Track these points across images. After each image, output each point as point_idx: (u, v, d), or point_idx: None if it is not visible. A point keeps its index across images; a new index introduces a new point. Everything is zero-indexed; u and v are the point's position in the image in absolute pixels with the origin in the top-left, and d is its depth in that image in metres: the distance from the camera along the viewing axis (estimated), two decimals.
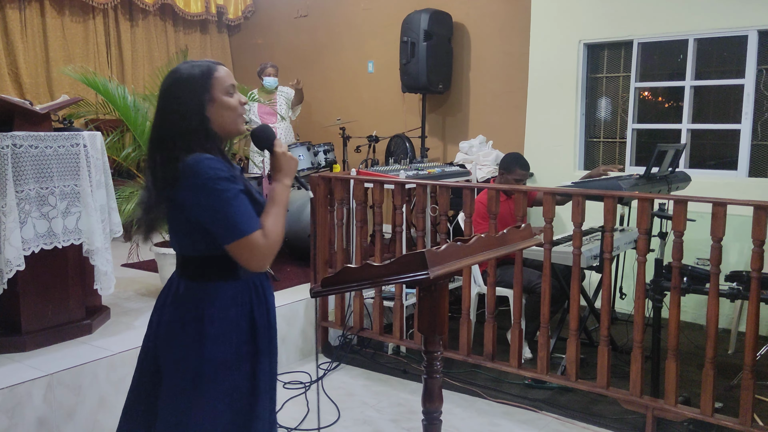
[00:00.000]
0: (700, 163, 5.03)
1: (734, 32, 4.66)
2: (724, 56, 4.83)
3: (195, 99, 1.70)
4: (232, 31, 8.15)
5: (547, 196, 3.34)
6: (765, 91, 4.67)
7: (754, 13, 4.53)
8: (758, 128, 4.71)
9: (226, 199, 1.63)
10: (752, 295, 2.79)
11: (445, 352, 3.69)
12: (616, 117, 5.39)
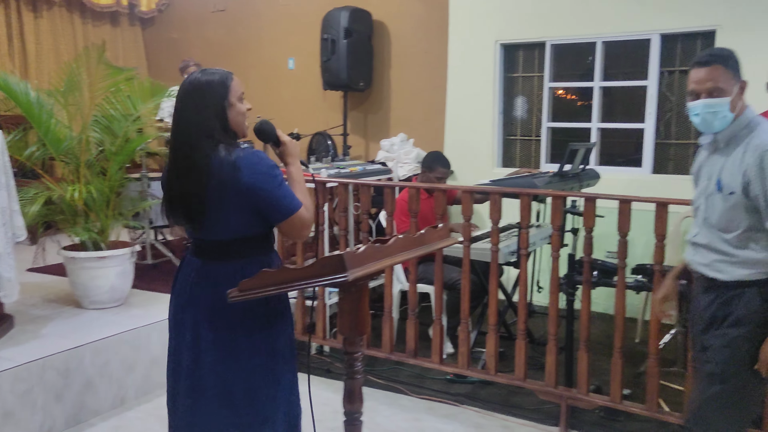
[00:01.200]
0: (610, 161, 5.27)
1: (639, 36, 4.90)
2: (630, 58, 5.07)
3: (217, 104, 1.95)
4: (145, 25, 7.86)
5: (465, 194, 3.41)
6: (667, 93, 4.94)
7: (657, 18, 4.77)
8: (661, 127, 4.98)
9: (279, 184, 1.95)
10: (656, 287, 2.94)
11: (368, 350, 3.71)
12: (531, 115, 5.56)
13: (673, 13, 4.71)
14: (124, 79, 3.95)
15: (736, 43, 4.47)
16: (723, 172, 2.11)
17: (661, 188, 4.77)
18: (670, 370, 3.59)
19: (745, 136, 2.11)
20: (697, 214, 2.23)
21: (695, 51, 4.78)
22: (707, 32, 4.65)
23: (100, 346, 3.38)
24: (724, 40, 4.53)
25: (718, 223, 2.13)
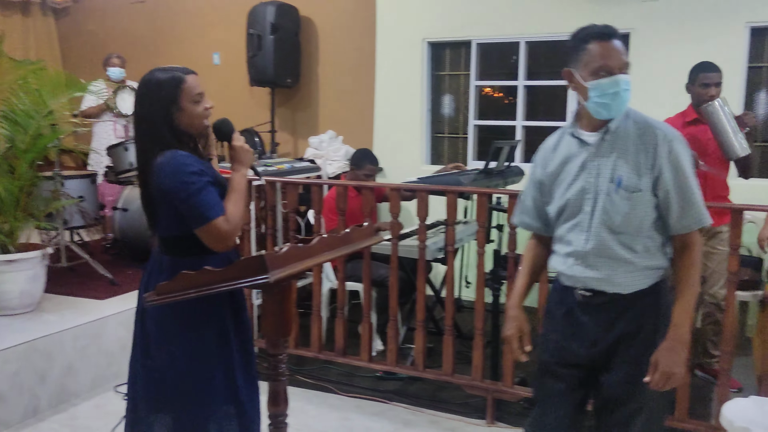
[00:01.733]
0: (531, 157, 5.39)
1: (560, 36, 5.04)
2: (552, 58, 5.21)
3: (164, 109, 1.95)
4: (59, 15, 7.48)
5: (393, 192, 3.42)
6: None
7: (577, 20, 4.90)
8: None
9: (194, 191, 1.92)
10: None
11: (296, 349, 3.67)
12: (459, 113, 5.64)
13: (591, 16, 4.85)
14: (30, 72, 3.74)
15: (648, 45, 4.69)
16: (618, 168, 1.84)
17: None
18: None
19: (631, 126, 1.87)
20: (579, 217, 1.89)
21: None
22: (622, 35, 4.82)
23: (10, 354, 3.19)
24: (638, 43, 4.74)
25: (621, 226, 1.83)
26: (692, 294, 1.86)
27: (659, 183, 1.82)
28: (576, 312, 1.93)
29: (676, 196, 1.82)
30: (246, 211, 3.71)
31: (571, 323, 1.95)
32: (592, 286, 1.89)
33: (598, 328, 1.90)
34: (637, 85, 4.78)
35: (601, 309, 1.89)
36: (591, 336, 1.92)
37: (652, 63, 4.68)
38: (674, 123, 3.54)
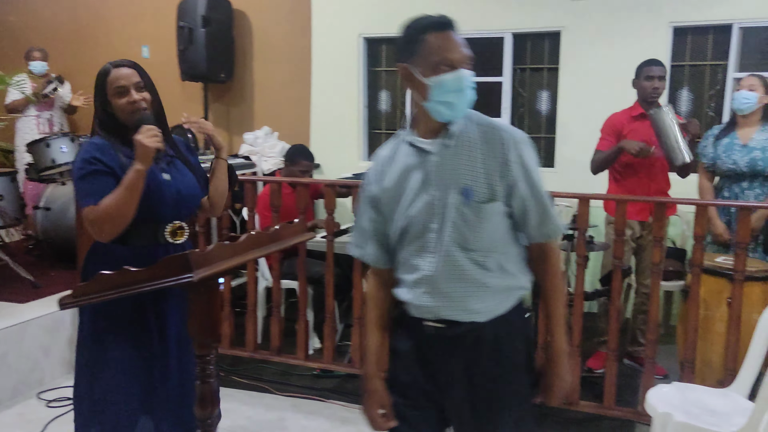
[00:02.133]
0: None
1: (493, 34, 5.12)
2: (485, 55, 5.28)
3: (97, 99, 2.06)
4: None
5: (327, 188, 3.38)
6: (519, 89, 5.20)
7: (510, 18, 5.01)
8: (515, 122, 5.24)
9: (79, 177, 1.98)
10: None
11: (231, 349, 3.60)
12: (396, 109, 5.65)
13: (524, 14, 4.96)
14: None
15: (578, 43, 4.81)
16: (466, 178, 1.59)
17: None
18: None
19: (475, 129, 1.64)
20: (425, 237, 1.61)
21: (543, 50, 5.07)
22: (554, 32, 4.94)
23: None
24: (569, 40, 4.85)
25: (473, 243, 1.58)
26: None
27: (514, 191, 1.60)
28: (427, 347, 1.66)
29: (533, 203, 1.61)
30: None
31: (423, 361, 1.67)
32: (445, 315, 1.61)
33: (453, 363, 1.64)
34: (568, 82, 4.94)
35: (456, 341, 1.63)
36: (446, 374, 1.65)
37: (583, 61, 4.80)
38: (621, 117, 3.65)
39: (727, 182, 3.53)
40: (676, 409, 2.37)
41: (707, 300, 2.99)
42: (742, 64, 4.48)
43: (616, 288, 2.91)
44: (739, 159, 3.43)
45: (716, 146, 3.54)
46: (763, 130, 3.46)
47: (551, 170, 5.03)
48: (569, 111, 4.90)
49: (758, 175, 3.42)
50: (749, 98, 3.41)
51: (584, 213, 2.92)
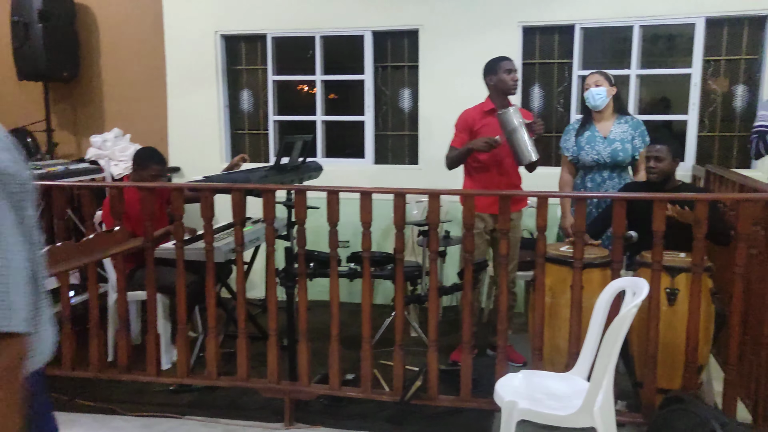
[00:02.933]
0: (339, 153, 5.41)
1: (353, 32, 5.09)
2: (347, 54, 5.25)
3: None
4: None
5: (175, 192, 3.20)
6: (382, 87, 5.21)
7: (369, 16, 5.00)
8: (379, 120, 5.25)
9: None
10: (365, 273, 3.04)
11: (73, 371, 3.32)
12: (258, 109, 5.49)
13: (383, 12, 4.98)
14: None
15: (436, 41, 4.89)
16: None
17: (381, 176, 5.04)
18: (389, 349, 3.78)
19: None
20: None
21: (403, 48, 5.11)
22: (412, 31, 5.00)
23: None
24: (427, 39, 4.92)
25: None
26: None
27: None
28: None
29: None
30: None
31: None
32: None
33: None
34: (428, 80, 5.00)
35: None
36: None
37: (441, 59, 4.88)
38: (473, 113, 3.71)
39: (590, 172, 3.71)
40: (521, 397, 2.43)
41: (553, 288, 3.10)
42: (585, 63, 4.74)
43: (468, 281, 2.96)
44: (602, 150, 3.63)
45: (579, 140, 3.72)
46: (619, 123, 3.68)
47: (415, 167, 5.09)
48: (430, 108, 4.98)
49: (618, 165, 3.65)
50: (601, 93, 3.62)
51: (435, 208, 2.94)
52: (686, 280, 2.80)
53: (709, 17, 4.44)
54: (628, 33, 4.61)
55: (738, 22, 4.48)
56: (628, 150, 3.62)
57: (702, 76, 4.53)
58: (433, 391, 3.04)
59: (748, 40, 4.50)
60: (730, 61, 4.55)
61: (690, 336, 2.72)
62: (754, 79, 4.53)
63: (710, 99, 4.62)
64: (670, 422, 2.56)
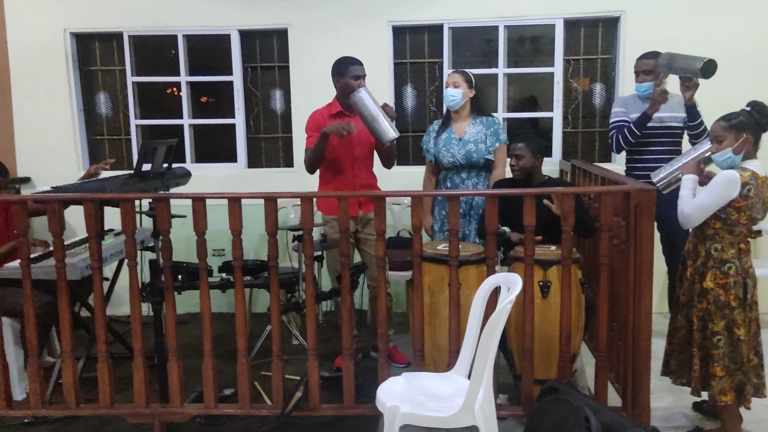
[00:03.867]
0: (210, 157, 5.16)
1: (218, 30, 4.87)
2: (214, 54, 5.01)
3: None
4: None
5: (17, 206, 2.86)
6: (252, 88, 5.02)
7: (235, 15, 4.79)
8: (251, 122, 5.05)
9: None
10: (237, 283, 2.87)
11: None
12: (118, 113, 5.12)
13: (249, 11, 4.79)
14: None
15: (306, 41, 4.77)
16: None
17: (256, 181, 4.86)
18: (268, 360, 3.62)
19: None
20: None
21: (273, 48, 4.95)
22: (281, 30, 4.85)
23: None
24: (296, 38, 4.79)
25: None
26: None
27: None
28: None
29: None
30: None
31: None
32: None
33: None
34: (300, 81, 4.87)
35: None
36: None
37: (312, 59, 4.77)
38: (321, 115, 3.63)
39: (449, 173, 3.73)
40: (403, 401, 2.37)
41: (432, 287, 3.09)
42: (455, 62, 4.81)
43: (346, 285, 2.87)
44: (457, 152, 3.65)
45: (437, 141, 3.73)
46: (474, 124, 3.71)
47: (291, 170, 4.95)
48: (304, 109, 4.82)
49: (474, 166, 3.67)
50: (455, 95, 3.65)
51: (308, 212, 2.83)
52: (557, 273, 2.87)
53: (567, 18, 4.64)
54: (495, 33, 4.73)
55: (593, 23, 4.72)
56: (482, 150, 3.65)
57: (564, 75, 4.74)
58: (315, 400, 2.93)
59: (603, 41, 4.75)
60: (588, 60, 4.79)
61: (563, 326, 2.79)
62: (610, 77, 4.79)
63: (572, 97, 4.84)
64: (546, 412, 2.61)
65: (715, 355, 2.71)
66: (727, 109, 2.78)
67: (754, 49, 4.45)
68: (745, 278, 2.70)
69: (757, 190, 2.62)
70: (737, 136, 2.67)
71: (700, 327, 2.76)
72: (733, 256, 2.70)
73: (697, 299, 2.77)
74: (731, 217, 2.66)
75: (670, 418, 3.09)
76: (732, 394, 2.71)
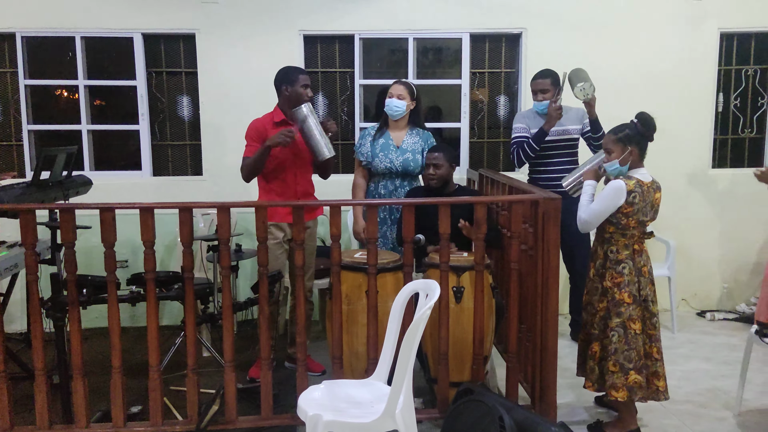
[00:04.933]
0: (111, 165, 4.94)
1: (121, 33, 4.68)
2: (115, 57, 4.81)
3: None
4: None
5: None
6: (157, 93, 4.87)
7: (139, 18, 4.63)
8: (156, 129, 4.89)
9: None
10: (149, 296, 2.78)
11: None
12: (8, 117, 4.80)
13: (154, 14, 4.65)
14: None
15: (214, 47, 4.68)
16: None
17: (162, 190, 4.71)
18: (182, 373, 3.52)
19: None
20: None
21: (179, 53, 4.83)
22: (188, 35, 4.73)
23: None
24: (204, 44, 4.70)
25: None
26: None
27: None
28: None
29: None
30: None
31: None
32: None
33: None
34: (209, 87, 4.77)
35: None
36: None
37: (221, 65, 4.69)
38: (263, 122, 3.58)
39: (383, 179, 3.80)
40: (325, 409, 2.38)
41: (349, 295, 3.11)
42: (366, 72, 4.88)
43: (263, 295, 2.84)
44: (395, 159, 3.74)
45: (373, 145, 3.79)
46: (411, 134, 3.82)
47: (200, 179, 4.83)
48: (212, 116, 4.76)
49: (409, 174, 3.79)
50: (400, 106, 3.75)
51: (225, 222, 2.78)
52: (470, 278, 2.98)
53: (473, 33, 4.83)
54: (404, 44, 4.84)
55: (497, 38, 4.93)
56: (419, 160, 3.78)
57: (470, 87, 4.92)
58: (232, 413, 2.88)
59: (507, 55, 4.98)
60: (493, 73, 5.00)
61: (476, 330, 2.90)
62: (512, 90, 5.02)
63: (478, 108, 5.03)
64: (462, 414, 2.70)
65: (610, 351, 2.89)
66: (622, 120, 3.00)
67: (644, 66, 4.82)
68: (638, 277, 2.91)
69: (642, 196, 2.85)
70: (623, 149, 2.90)
71: (600, 325, 2.95)
72: (627, 257, 2.91)
73: (599, 298, 2.96)
74: (621, 222, 2.87)
75: (573, 413, 3.26)
76: (624, 392, 2.87)
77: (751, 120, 5.10)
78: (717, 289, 5.10)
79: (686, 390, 3.54)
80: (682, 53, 4.84)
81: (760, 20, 4.86)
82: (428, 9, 4.75)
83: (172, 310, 4.69)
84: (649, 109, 3.01)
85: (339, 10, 4.72)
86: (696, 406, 3.34)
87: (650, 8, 4.79)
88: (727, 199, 4.99)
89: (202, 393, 2.98)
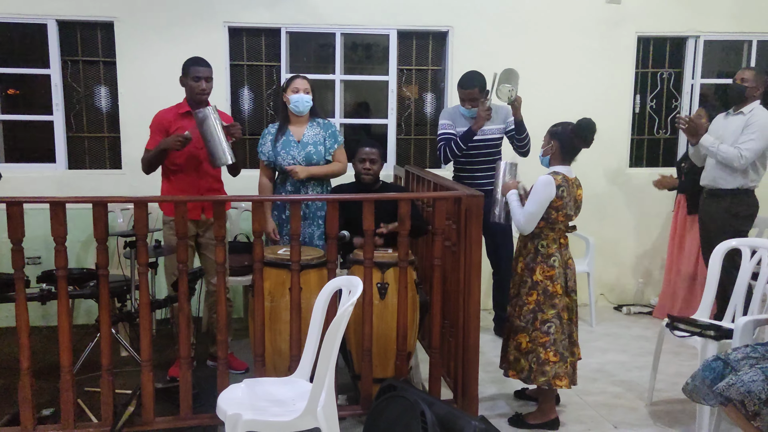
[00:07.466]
0: (21, 157, 4.70)
1: (33, 19, 4.45)
2: (26, 44, 4.57)
3: None
4: None
5: None
6: (73, 83, 4.66)
7: (52, 2, 4.42)
8: (71, 120, 4.68)
9: None
10: (61, 294, 2.65)
11: None
12: None
13: (68, 1, 4.44)
14: None
15: (135, 36, 4.52)
16: None
17: (78, 184, 4.52)
18: (97, 374, 3.38)
19: None
20: None
21: (97, 41, 4.63)
22: (107, 23, 4.55)
23: None
24: (123, 33, 4.53)
25: None
26: None
27: None
28: None
29: None
30: None
31: None
32: None
33: None
34: (128, 78, 4.60)
35: None
36: None
37: (142, 56, 4.53)
38: (168, 115, 3.48)
39: (289, 176, 3.72)
40: (245, 408, 2.34)
41: (273, 292, 3.06)
42: (292, 66, 4.82)
43: (184, 292, 2.77)
44: (297, 155, 3.66)
45: (275, 145, 3.71)
46: (311, 126, 3.75)
47: (119, 172, 4.66)
48: (132, 108, 4.59)
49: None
50: (309, 101, 3.68)
51: (143, 217, 2.68)
52: (394, 274, 2.99)
53: (400, 30, 4.85)
54: (332, 39, 4.81)
55: (425, 35, 4.98)
56: (321, 152, 3.72)
57: (397, 84, 4.94)
58: (149, 414, 2.79)
59: (434, 53, 5.03)
60: (420, 70, 5.04)
61: (400, 326, 2.92)
62: (439, 88, 5.08)
63: (405, 105, 5.06)
64: (385, 409, 2.71)
65: (547, 342, 2.97)
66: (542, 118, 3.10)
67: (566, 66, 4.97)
68: (565, 269, 3.01)
69: (568, 190, 2.95)
70: (548, 141, 3.02)
71: (529, 317, 3.01)
72: (556, 250, 3.01)
73: (527, 291, 3.03)
74: (551, 216, 2.95)
75: (495, 407, 3.34)
76: (567, 379, 2.98)
77: (665, 121, 5.35)
78: (632, 284, 5.33)
79: (602, 382, 3.68)
80: (602, 54, 5.02)
81: (675, 26, 5.10)
82: (357, 4, 4.74)
83: (87, 307, 4.50)
84: (570, 108, 3.12)
85: (266, 3, 4.65)
86: (611, 397, 3.47)
87: (572, 10, 4.95)
88: (642, 198, 5.21)
89: (118, 394, 2.88)
